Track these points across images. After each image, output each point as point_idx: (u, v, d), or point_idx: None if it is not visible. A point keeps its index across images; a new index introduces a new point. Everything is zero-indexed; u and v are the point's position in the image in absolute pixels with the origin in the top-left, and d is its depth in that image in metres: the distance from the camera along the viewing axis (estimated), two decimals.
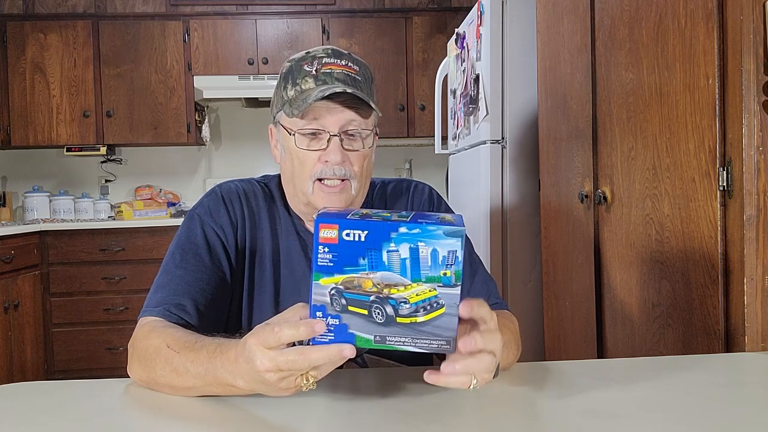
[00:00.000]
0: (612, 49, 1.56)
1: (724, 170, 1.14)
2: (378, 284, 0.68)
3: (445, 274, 0.67)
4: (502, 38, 2.36)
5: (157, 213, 3.75)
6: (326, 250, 0.67)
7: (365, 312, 0.68)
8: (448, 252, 0.67)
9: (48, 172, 4.07)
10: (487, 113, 2.37)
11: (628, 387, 0.83)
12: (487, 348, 0.71)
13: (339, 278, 0.68)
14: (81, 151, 3.80)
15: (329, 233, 0.67)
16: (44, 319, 3.41)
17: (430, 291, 0.68)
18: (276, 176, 1.12)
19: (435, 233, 0.67)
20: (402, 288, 0.68)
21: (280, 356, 0.67)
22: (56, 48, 3.71)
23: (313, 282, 0.68)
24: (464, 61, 2.67)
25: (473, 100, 2.51)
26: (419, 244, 0.67)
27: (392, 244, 0.67)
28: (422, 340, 0.69)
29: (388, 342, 0.69)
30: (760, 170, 1.08)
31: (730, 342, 1.14)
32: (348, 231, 0.67)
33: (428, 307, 0.68)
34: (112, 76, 3.76)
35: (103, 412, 0.78)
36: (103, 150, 3.80)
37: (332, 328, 0.69)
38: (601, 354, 1.67)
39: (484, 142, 2.42)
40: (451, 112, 2.97)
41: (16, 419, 0.76)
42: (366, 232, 0.67)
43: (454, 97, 2.89)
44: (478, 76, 2.45)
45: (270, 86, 3.64)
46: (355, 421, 0.73)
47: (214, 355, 0.75)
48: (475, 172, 2.49)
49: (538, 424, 0.73)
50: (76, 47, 3.73)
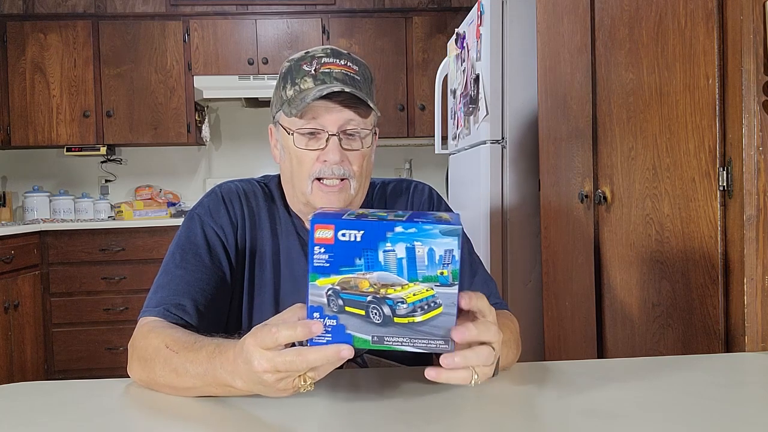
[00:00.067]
0: (612, 49, 1.56)
1: (724, 170, 1.14)
2: (375, 284, 0.68)
3: (442, 273, 0.67)
4: (502, 38, 2.36)
5: (157, 213, 3.75)
6: (322, 250, 0.67)
7: (362, 312, 0.68)
8: (445, 251, 0.67)
9: (48, 172, 4.08)
10: (487, 113, 2.37)
11: (628, 387, 0.83)
12: (483, 338, 0.71)
13: (335, 279, 0.68)
14: (81, 151, 3.80)
15: (325, 234, 0.67)
16: (44, 319, 3.41)
17: (427, 290, 0.68)
18: (276, 176, 1.12)
19: (431, 232, 0.67)
20: (399, 288, 0.68)
21: (277, 357, 0.67)
22: (56, 48, 3.71)
23: (310, 283, 0.68)
24: (464, 61, 2.67)
25: (473, 100, 2.51)
26: (415, 243, 0.67)
27: (388, 244, 0.67)
28: (420, 340, 0.69)
29: (386, 342, 0.69)
30: (760, 170, 1.08)
31: (730, 342, 1.14)
32: (344, 231, 0.67)
33: (426, 307, 0.68)
34: (112, 76, 3.76)
35: (103, 412, 0.78)
36: (103, 150, 3.80)
37: (330, 329, 0.69)
38: (601, 354, 1.67)
39: (484, 142, 2.42)
40: (451, 112, 2.97)
41: (16, 419, 0.76)
42: (362, 232, 0.67)
43: (454, 97, 2.89)
44: (478, 76, 2.45)
45: (270, 86, 3.64)
46: (355, 421, 0.73)
47: (213, 355, 0.75)
48: (475, 172, 2.49)
49: (538, 424, 0.73)
50: (76, 47, 3.73)
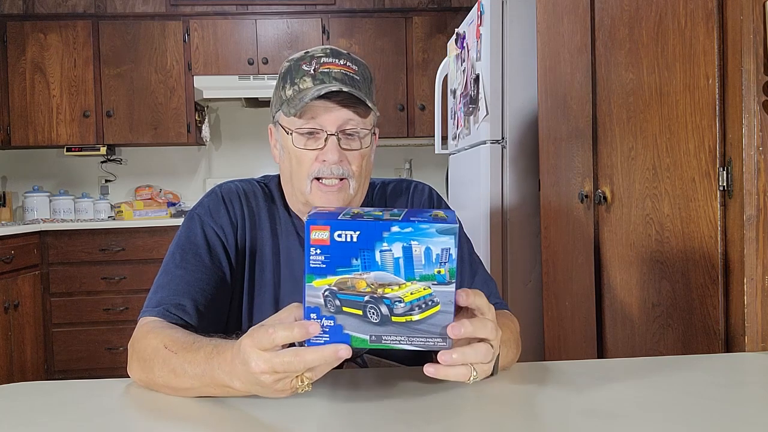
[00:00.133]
0: (612, 49, 1.56)
1: (724, 170, 1.14)
2: (372, 284, 0.68)
3: (439, 272, 0.67)
4: (502, 38, 2.36)
5: (157, 213, 3.75)
6: (318, 251, 0.67)
7: (360, 312, 0.68)
8: (442, 250, 0.67)
9: (48, 172, 4.08)
10: (487, 113, 2.37)
11: (628, 387, 0.83)
12: (479, 335, 0.71)
13: (332, 279, 0.68)
14: (81, 151, 3.80)
15: (321, 235, 0.67)
16: (44, 319, 3.41)
17: (424, 289, 0.68)
18: (276, 176, 1.12)
19: (428, 231, 0.66)
20: (396, 287, 0.68)
21: (275, 358, 0.67)
22: (56, 48, 3.71)
23: (306, 284, 0.68)
24: (464, 61, 2.67)
25: (473, 100, 2.51)
26: (412, 242, 0.67)
27: (385, 244, 0.67)
28: (418, 339, 0.69)
29: (383, 341, 0.69)
30: (760, 170, 1.08)
31: (730, 342, 1.14)
32: (340, 232, 0.67)
33: (423, 306, 0.68)
34: (112, 76, 3.76)
35: (103, 412, 0.78)
36: (103, 150, 3.80)
37: (327, 329, 0.68)
38: (601, 354, 1.67)
39: (484, 142, 2.42)
40: (451, 112, 2.97)
41: (16, 419, 0.76)
42: (358, 233, 0.67)
43: (454, 97, 2.89)
44: (478, 76, 2.45)
45: (270, 86, 3.64)
46: (354, 421, 0.73)
47: (211, 356, 0.75)
48: (475, 172, 2.49)
49: (538, 424, 0.73)
50: (76, 47, 3.73)
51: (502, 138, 2.40)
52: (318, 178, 0.98)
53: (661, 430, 0.69)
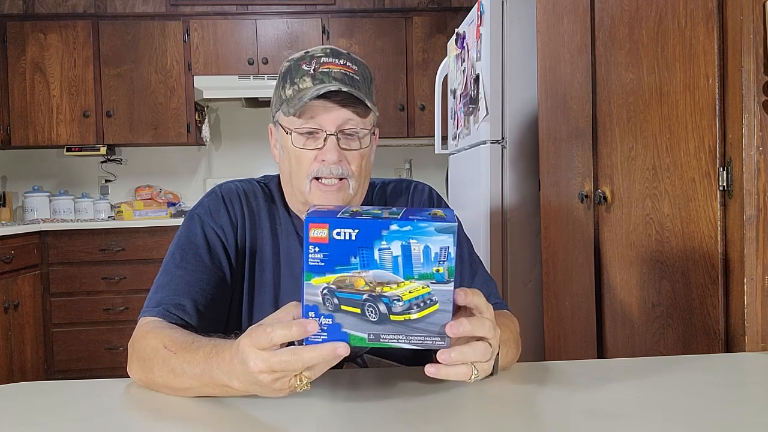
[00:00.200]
0: (612, 49, 1.56)
1: (724, 170, 1.14)
2: (370, 283, 0.67)
3: (437, 270, 0.67)
4: (502, 38, 2.36)
5: (157, 213, 3.75)
6: (317, 249, 0.67)
7: (358, 311, 0.68)
8: (440, 248, 0.67)
9: (48, 172, 4.08)
10: (487, 113, 2.37)
11: (628, 387, 0.83)
12: (477, 333, 0.71)
13: (331, 278, 0.68)
14: (81, 151, 3.80)
15: (319, 233, 0.67)
16: (44, 319, 3.41)
17: (423, 288, 0.68)
18: (276, 176, 1.12)
19: (426, 230, 0.66)
20: (395, 286, 0.67)
21: (273, 357, 0.67)
22: (56, 48, 3.71)
23: (305, 282, 0.68)
24: (464, 61, 2.67)
25: (473, 100, 2.51)
26: (411, 241, 0.67)
27: (384, 242, 0.67)
28: (416, 337, 0.69)
29: (382, 340, 0.69)
30: (760, 170, 1.08)
31: (730, 342, 1.14)
32: (338, 230, 0.67)
33: (421, 304, 0.68)
34: (112, 76, 3.76)
35: (103, 412, 0.78)
36: (103, 150, 3.80)
37: (325, 328, 0.68)
38: (601, 354, 1.67)
39: (484, 142, 2.42)
40: (451, 112, 2.97)
41: (16, 419, 0.76)
42: (357, 231, 0.67)
43: (454, 97, 2.89)
44: (478, 76, 2.45)
45: (270, 86, 3.64)
46: (354, 421, 0.73)
47: (210, 356, 0.75)
48: (475, 172, 2.49)
49: (538, 424, 0.73)
50: (76, 47, 3.73)
51: (502, 138, 2.40)
52: (317, 178, 0.98)
53: (661, 430, 0.69)
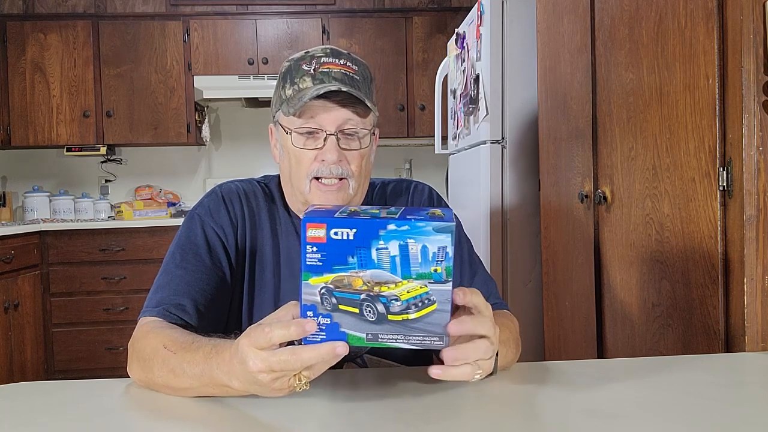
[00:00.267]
0: (612, 49, 1.56)
1: (724, 170, 1.14)
2: (368, 282, 0.67)
3: (435, 270, 0.67)
4: (502, 38, 2.36)
5: (157, 213, 3.75)
6: (314, 249, 0.67)
7: (356, 310, 0.68)
8: (438, 248, 0.66)
9: (48, 172, 4.08)
10: (487, 113, 2.37)
11: (628, 387, 0.83)
12: (479, 332, 0.71)
13: (328, 277, 0.67)
14: (81, 151, 3.80)
15: (317, 232, 0.67)
16: (44, 319, 3.41)
17: (420, 288, 0.67)
18: (276, 176, 1.12)
19: (424, 229, 0.66)
20: (392, 285, 0.67)
21: (272, 357, 0.67)
22: (56, 48, 3.71)
23: (303, 282, 0.68)
24: (464, 61, 2.67)
25: (473, 100, 2.51)
26: (408, 240, 0.66)
27: (381, 242, 0.66)
28: (415, 337, 0.69)
29: (380, 340, 0.69)
30: (760, 170, 1.08)
31: (730, 342, 1.14)
32: (336, 230, 0.67)
33: (420, 304, 0.68)
34: (112, 76, 3.76)
35: (103, 412, 0.78)
36: (103, 150, 3.80)
37: (324, 328, 0.68)
38: (601, 354, 1.67)
39: (484, 142, 2.42)
40: (451, 112, 2.97)
41: (16, 419, 0.76)
42: (354, 231, 0.66)
43: (454, 97, 2.89)
44: (478, 76, 2.45)
45: (270, 86, 3.64)
46: (354, 421, 0.73)
47: (209, 356, 0.75)
48: (475, 172, 2.49)
49: (538, 424, 0.73)
50: (76, 47, 3.73)
51: (502, 138, 2.40)
52: (317, 178, 0.98)
53: (661, 430, 0.69)
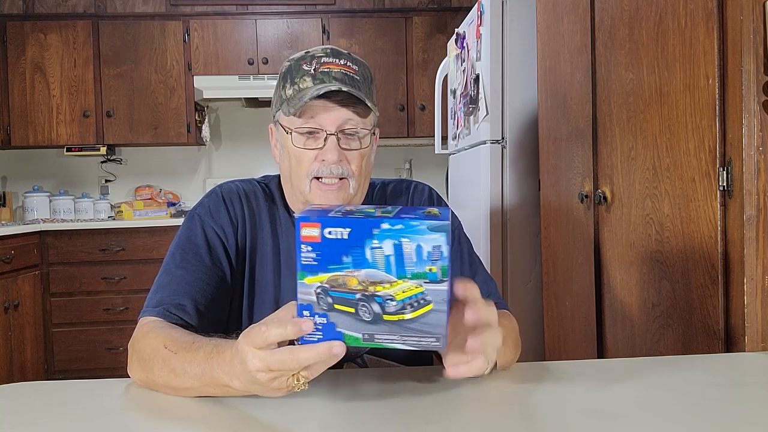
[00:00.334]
0: (612, 49, 1.56)
1: (724, 170, 1.14)
2: (363, 282, 0.67)
3: (430, 269, 0.66)
4: (502, 38, 2.36)
5: (157, 213, 3.75)
6: (309, 248, 0.67)
7: (352, 310, 0.68)
8: (433, 247, 0.66)
9: (48, 172, 4.07)
10: (487, 113, 2.37)
11: (628, 387, 0.83)
12: (491, 320, 0.74)
13: (324, 276, 0.67)
14: (81, 151, 3.80)
15: (311, 232, 0.67)
16: (44, 319, 3.41)
17: (416, 287, 0.67)
18: (276, 176, 1.12)
19: (418, 228, 0.66)
20: (387, 285, 0.67)
21: (270, 356, 0.68)
22: (56, 48, 3.71)
23: (298, 281, 0.68)
24: (464, 61, 2.67)
25: (473, 100, 2.51)
26: (403, 240, 0.66)
27: (375, 241, 0.66)
28: (411, 338, 0.68)
29: (376, 340, 0.69)
30: (760, 170, 1.08)
31: (730, 342, 1.14)
32: (330, 229, 0.66)
33: (415, 304, 0.67)
34: (112, 76, 3.76)
35: (103, 412, 0.78)
36: (103, 150, 3.80)
37: (320, 327, 0.68)
38: (601, 354, 1.67)
39: (484, 142, 2.42)
40: (451, 112, 2.97)
41: (16, 419, 0.76)
42: (348, 230, 0.66)
43: (454, 97, 2.89)
44: (478, 76, 2.45)
45: (270, 86, 3.64)
46: (355, 421, 0.73)
47: (210, 356, 0.76)
48: (475, 172, 2.49)
49: (537, 424, 0.73)
50: (76, 47, 3.73)
51: (502, 138, 2.40)
52: (317, 178, 0.98)
53: (661, 430, 0.69)
